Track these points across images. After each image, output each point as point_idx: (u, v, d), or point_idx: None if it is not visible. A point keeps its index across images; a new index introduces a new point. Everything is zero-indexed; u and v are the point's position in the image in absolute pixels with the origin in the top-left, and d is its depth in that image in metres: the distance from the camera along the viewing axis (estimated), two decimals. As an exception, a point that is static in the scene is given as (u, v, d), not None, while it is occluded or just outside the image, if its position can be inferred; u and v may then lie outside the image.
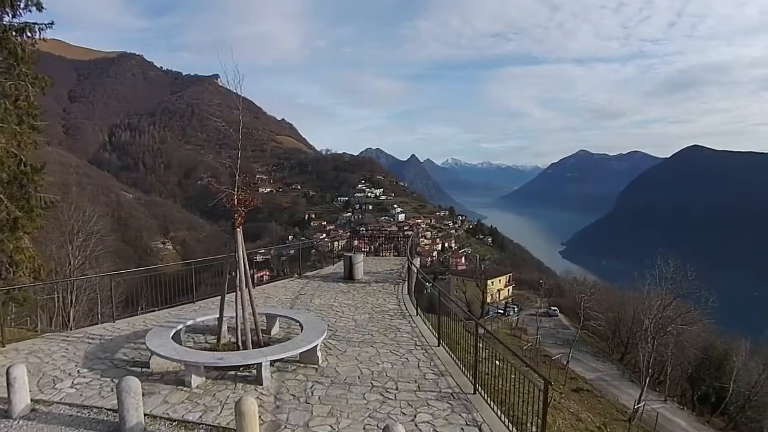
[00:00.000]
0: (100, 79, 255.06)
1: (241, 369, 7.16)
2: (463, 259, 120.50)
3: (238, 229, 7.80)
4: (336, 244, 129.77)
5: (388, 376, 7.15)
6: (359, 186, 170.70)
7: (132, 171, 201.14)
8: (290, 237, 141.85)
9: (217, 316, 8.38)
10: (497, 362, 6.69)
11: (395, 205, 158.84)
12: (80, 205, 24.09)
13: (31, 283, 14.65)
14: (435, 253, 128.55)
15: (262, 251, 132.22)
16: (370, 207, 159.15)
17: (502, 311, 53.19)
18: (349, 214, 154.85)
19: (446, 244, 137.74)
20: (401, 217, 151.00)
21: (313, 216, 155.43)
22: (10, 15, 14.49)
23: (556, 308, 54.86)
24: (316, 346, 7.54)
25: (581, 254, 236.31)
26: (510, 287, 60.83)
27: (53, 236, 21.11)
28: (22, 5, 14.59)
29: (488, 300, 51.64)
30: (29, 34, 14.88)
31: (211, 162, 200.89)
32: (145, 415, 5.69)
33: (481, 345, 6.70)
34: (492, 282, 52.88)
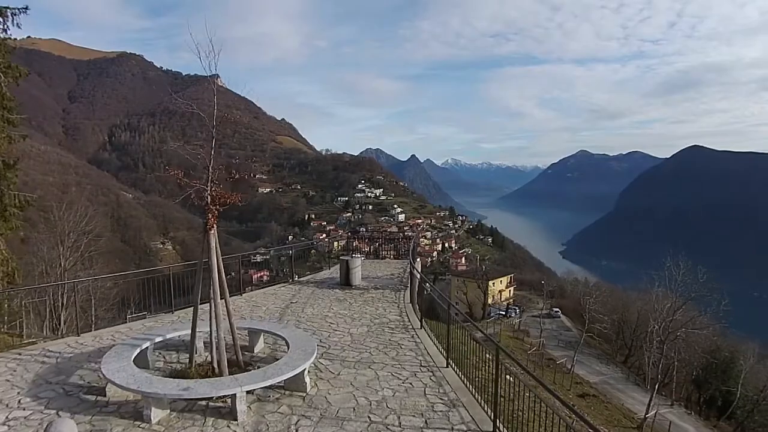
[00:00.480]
0: (100, 79, 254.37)
1: (213, 398, 6.01)
2: (463, 259, 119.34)
3: (212, 232, 6.62)
4: (336, 244, 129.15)
5: (390, 407, 5.98)
6: (359, 186, 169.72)
7: (132, 171, 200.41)
8: (290, 237, 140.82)
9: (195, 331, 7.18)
10: (509, 377, 5.57)
11: (395, 206, 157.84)
12: (72, 204, 23.14)
13: (9, 288, 13.64)
14: (435, 254, 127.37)
15: (262, 251, 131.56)
16: (370, 207, 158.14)
17: (503, 313, 51.84)
18: (349, 214, 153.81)
19: (446, 245, 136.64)
20: (401, 217, 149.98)
21: (313, 216, 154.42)
22: (-23, -2, 13.42)
23: (558, 309, 53.51)
24: (304, 370, 6.38)
25: (581, 254, 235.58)
26: (511, 288, 59.43)
27: (44, 237, 20.40)
28: (-10, -13, 13.52)
29: (489, 301, 50.43)
30: (0, 19, 13.78)
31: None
32: (86, 464, 4.54)
33: (488, 356, 5.55)
34: (493, 283, 51.43)
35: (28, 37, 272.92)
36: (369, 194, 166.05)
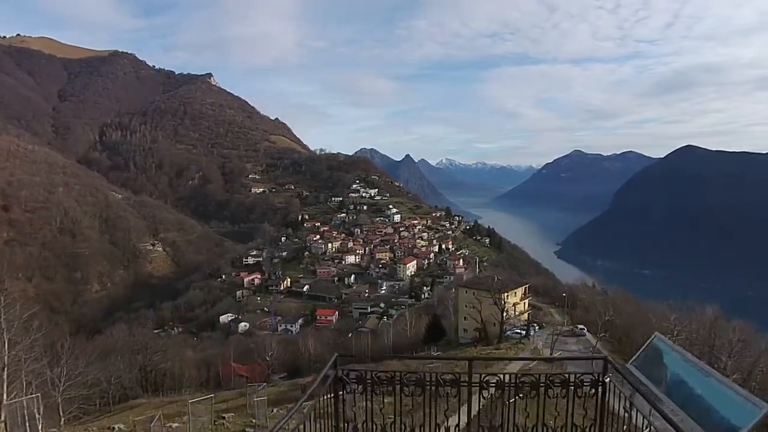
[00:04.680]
0: (92, 78, 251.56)
1: None
2: (461, 261, 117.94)
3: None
4: (330, 245, 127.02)
5: None
6: (354, 186, 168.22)
7: (122, 171, 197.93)
8: (283, 238, 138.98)
9: None
10: None
11: (390, 206, 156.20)
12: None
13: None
14: (432, 255, 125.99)
15: (254, 253, 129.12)
16: (365, 207, 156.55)
17: (522, 332, 44.75)
18: (344, 214, 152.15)
19: (443, 246, 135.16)
20: (397, 218, 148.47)
21: (307, 216, 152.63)
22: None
23: (583, 327, 46.24)
24: None
25: (576, 254, 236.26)
26: (526, 301, 51.69)
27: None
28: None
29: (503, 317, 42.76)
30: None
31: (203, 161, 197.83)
32: None
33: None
34: (507, 295, 43.46)
35: (18, 35, 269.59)
36: (364, 194, 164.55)
